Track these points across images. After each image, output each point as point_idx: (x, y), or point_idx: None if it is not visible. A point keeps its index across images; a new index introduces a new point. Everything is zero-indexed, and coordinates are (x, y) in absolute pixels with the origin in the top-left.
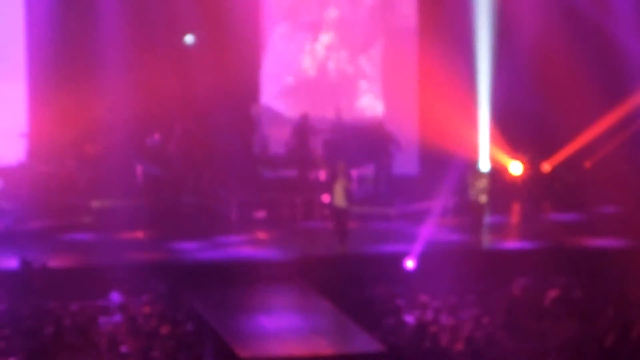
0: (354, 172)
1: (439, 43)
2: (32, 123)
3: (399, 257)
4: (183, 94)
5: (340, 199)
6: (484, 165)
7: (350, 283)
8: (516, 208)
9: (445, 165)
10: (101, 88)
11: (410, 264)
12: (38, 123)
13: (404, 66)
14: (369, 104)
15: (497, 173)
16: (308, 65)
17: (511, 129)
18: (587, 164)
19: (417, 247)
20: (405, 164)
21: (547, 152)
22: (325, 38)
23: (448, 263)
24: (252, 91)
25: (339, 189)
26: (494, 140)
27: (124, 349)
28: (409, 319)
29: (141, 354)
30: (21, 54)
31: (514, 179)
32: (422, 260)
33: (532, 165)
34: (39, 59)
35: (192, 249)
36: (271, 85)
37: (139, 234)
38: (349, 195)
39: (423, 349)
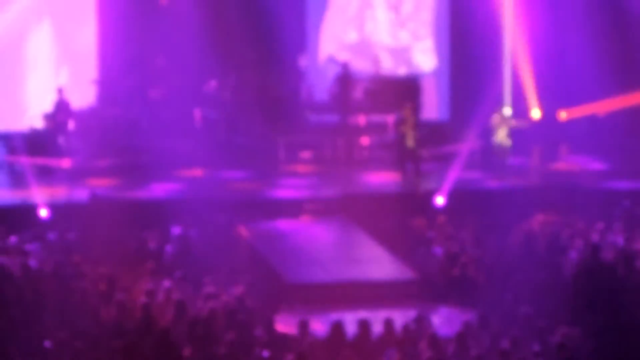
0: (390, 118)
1: None
2: (102, 70)
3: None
4: (237, 45)
5: (411, 140)
6: (508, 110)
7: (387, 217)
8: (536, 150)
9: (473, 110)
10: (164, 38)
11: (440, 200)
12: (107, 70)
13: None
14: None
15: (520, 117)
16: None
17: (533, 75)
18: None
19: (446, 186)
20: (438, 109)
21: (564, 100)
22: None
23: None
24: (300, 43)
25: (409, 131)
26: (517, 84)
27: (178, 274)
28: (438, 250)
29: (196, 279)
30: (92, 5)
31: (534, 123)
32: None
33: (550, 111)
34: (108, 10)
35: (245, 186)
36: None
37: (197, 172)
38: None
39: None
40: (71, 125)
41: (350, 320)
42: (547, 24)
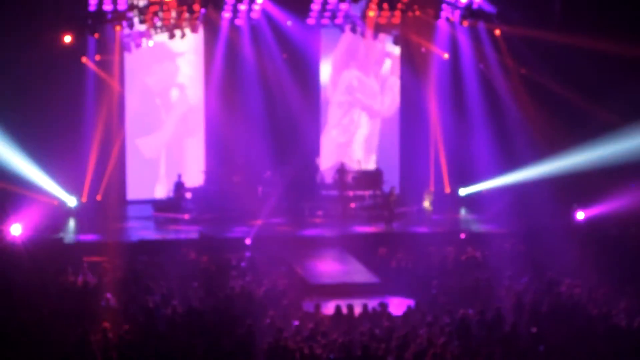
0: (368, 193)
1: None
2: (207, 163)
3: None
4: (281, 151)
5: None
6: (432, 187)
7: (365, 247)
8: (447, 211)
9: (413, 188)
10: (242, 142)
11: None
12: (209, 164)
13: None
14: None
15: (441, 192)
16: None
17: (446, 167)
18: None
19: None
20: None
21: (464, 181)
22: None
23: (413, 239)
24: (315, 149)
25: (393, 199)
26: (438, 172)
27: (249, 278)
28: (392, 265)
29: (258, 281)
30: (201, 121)
31: (446, 195)
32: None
33: (455, 188)
34: (210, 134)
35: (285, 229)
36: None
37: (259, 222)
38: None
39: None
40: (188, 195)
41: (343, 305)
42: (458, 139)
